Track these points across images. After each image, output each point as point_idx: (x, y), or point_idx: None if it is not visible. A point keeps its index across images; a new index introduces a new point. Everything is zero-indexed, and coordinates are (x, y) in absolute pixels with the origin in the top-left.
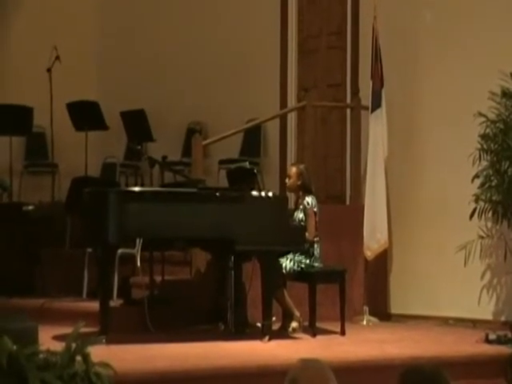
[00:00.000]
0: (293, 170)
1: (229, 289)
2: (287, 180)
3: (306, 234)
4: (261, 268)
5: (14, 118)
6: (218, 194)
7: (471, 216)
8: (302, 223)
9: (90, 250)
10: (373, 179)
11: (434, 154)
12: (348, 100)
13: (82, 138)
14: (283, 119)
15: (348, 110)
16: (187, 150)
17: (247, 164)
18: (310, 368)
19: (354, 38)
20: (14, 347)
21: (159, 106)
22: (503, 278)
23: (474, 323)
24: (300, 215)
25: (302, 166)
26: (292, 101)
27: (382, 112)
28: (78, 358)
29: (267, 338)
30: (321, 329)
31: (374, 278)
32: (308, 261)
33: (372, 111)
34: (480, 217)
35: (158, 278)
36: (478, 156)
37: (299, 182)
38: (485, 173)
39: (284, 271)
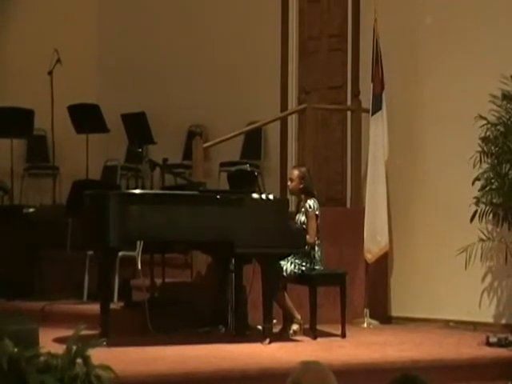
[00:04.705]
0: (295, 173)
1: (229, 291)
2: (289, 183)
3: (307, 237)
4: (261, 270)
5: (15, 121)
6: (218, 196)
7: (472, 219)
8: (304, 226)
9: (90, 252)
10: (373, 182)
11: (434, 157)
12: (349, 102)
13: (82, 141)
14: (284, 122)
15: (349, 113)
16: (188, 153)
17: (248, 167)
18: (312, 370)
19: (354, 40)
20: (15, 350)
21: (160, 109)
22: (504, 280)
23: (474, 326)
24: (302, 218)
25: (303, 169)
26: (292, 103)
27: (382, 115)
28: (79, 360)
29: (268, 340)
30: (321, 331)
31: (374, 281)
32: (309, 264)
33: (372, 114)
34: (481, 219)
35: (159, 281)
36: (478, 159)
37: (301, 185)
38: (485, 175)
39: (285, 274)
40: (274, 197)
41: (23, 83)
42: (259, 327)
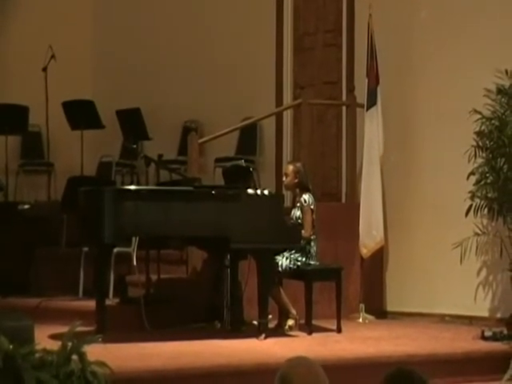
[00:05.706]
0: (290, 168)
1: (225, 287)
2: (284, 178)
3: (302, 232)
4: (257, 266)
5: (9, 117)
6: (213, 192)
7: (467, 213)
8: (300, 221)
9: (86, 248)
10: (368, 177)
11: (429, 152)
12: (344, 98)
13: (77, 137)
14: (279, 117)
15: (344, 108)
16: (183, 149)
17: (243, 162)
18: (301, 365)
19: (349, 35)
20: (10, 346)
21: (155, 105)
22: (499, 274)
23: (470, 320)
24: (297, 213)
25: (298, 164)
26: (288, 99)
27: (377, 110)
28: (74, 356)
29: (263, 335)
30: (317, 326)
31: (369, 276)
32: (304, 259)
33: (367, 109)
34: (476, 214)
35: (154, 277)
36: (473, 153)
37: (296, 180)
38: (480, 170)
39: (280, 269)
40: (270, 192)
41: (18, 79)
42: (255, 323)
